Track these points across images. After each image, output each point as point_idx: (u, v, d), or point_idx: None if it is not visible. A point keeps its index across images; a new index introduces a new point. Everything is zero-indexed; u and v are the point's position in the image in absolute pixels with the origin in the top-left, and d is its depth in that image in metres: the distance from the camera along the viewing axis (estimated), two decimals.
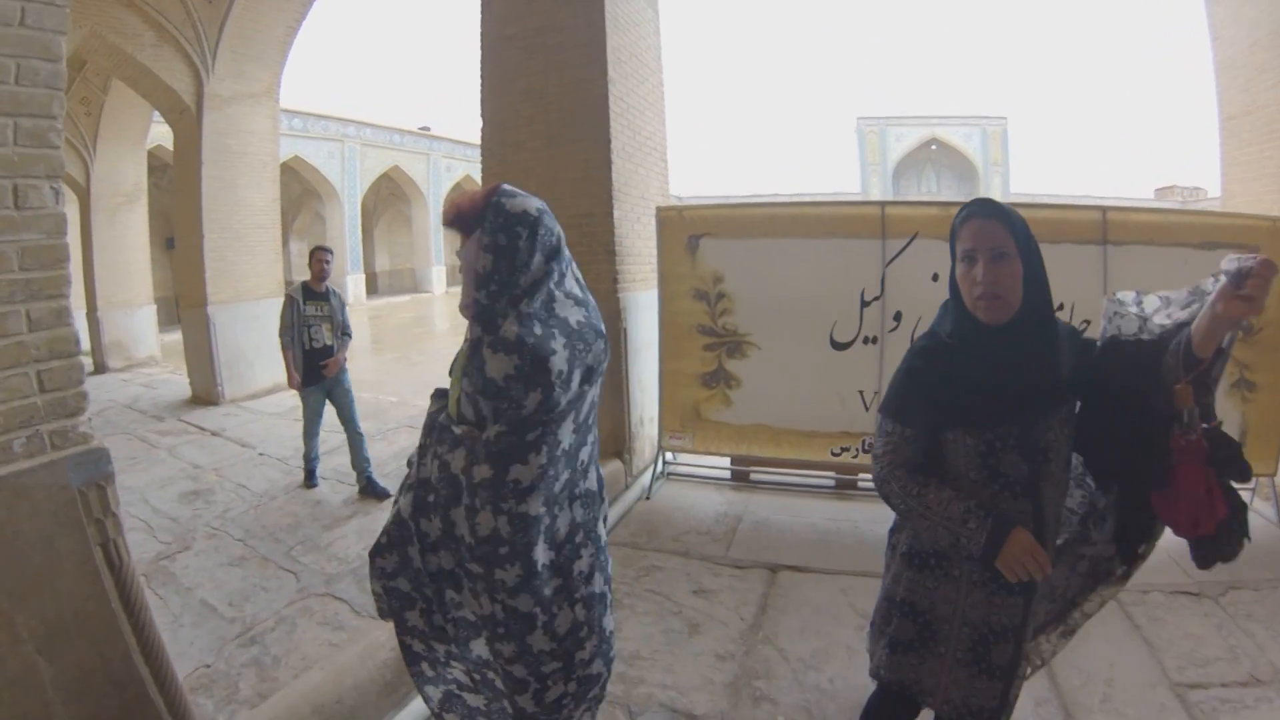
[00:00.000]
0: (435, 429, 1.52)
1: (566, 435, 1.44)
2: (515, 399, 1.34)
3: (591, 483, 1.61)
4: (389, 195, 23.54)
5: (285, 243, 19.71)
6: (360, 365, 11.06)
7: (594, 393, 1.54)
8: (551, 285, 1.46)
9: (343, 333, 4.86)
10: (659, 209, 4.24)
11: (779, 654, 2.74)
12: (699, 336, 4.17)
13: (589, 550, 1.58)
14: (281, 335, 4.67)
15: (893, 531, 1.69)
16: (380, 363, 11.71)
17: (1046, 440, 1.42)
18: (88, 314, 9.66)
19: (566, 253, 1.52)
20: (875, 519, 3.91)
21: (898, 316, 3.85)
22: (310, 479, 4.97)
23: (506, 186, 1.47)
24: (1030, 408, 1.41)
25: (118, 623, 1.72)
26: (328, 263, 4.81)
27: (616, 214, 4.23)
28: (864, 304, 3.89)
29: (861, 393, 3.95)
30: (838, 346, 3.93)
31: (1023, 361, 1.40)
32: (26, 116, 1.59)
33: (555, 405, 1.37)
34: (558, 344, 1.38)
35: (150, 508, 4.59)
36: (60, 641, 1.61)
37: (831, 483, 4.36)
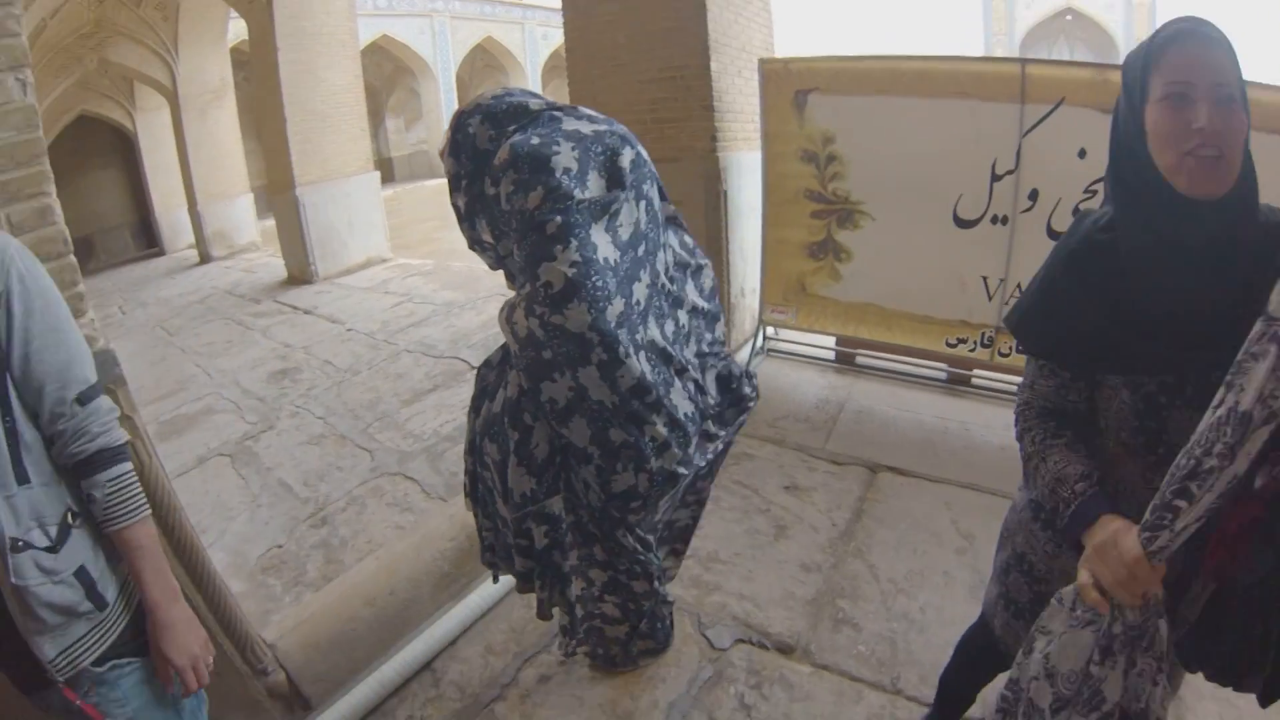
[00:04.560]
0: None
1: (602, 244, 1.32)
2: (519, 208, 1.27)
3: (656, 334, 1.45)
4: (485, 67, 23.07)
5: (381, 121, 19.86)
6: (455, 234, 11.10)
7: (640, 213, 1.43)
8: (551, 114, 1.40)
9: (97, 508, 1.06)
10: (762, 61, 3.69)
11: (869, 571, 2.43)
12: (806, 202, 3.70)
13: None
14: None
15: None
16: None
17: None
18: (189, 209, 10.06)
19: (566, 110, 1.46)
20: (988, 423, 3.45)
21: (1033, 195, 3.21)
22: None
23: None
24: (1229, 335, 0.87)
25: None
26: None
27: (714, 67, 3.72)
28: (995, 178, 3.27)
29: (985, 279, 3.38)
30: (962, 224, 3.35)
31: (1238, 259, 0.91)
32: None
33: (566, 195, 1.26)
34: (561, 146, 1.29)
35: (240, 389, 4.69)
36: None
37: (943, 375, 3.88)
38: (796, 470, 3.03)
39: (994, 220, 3.32)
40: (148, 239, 12.89)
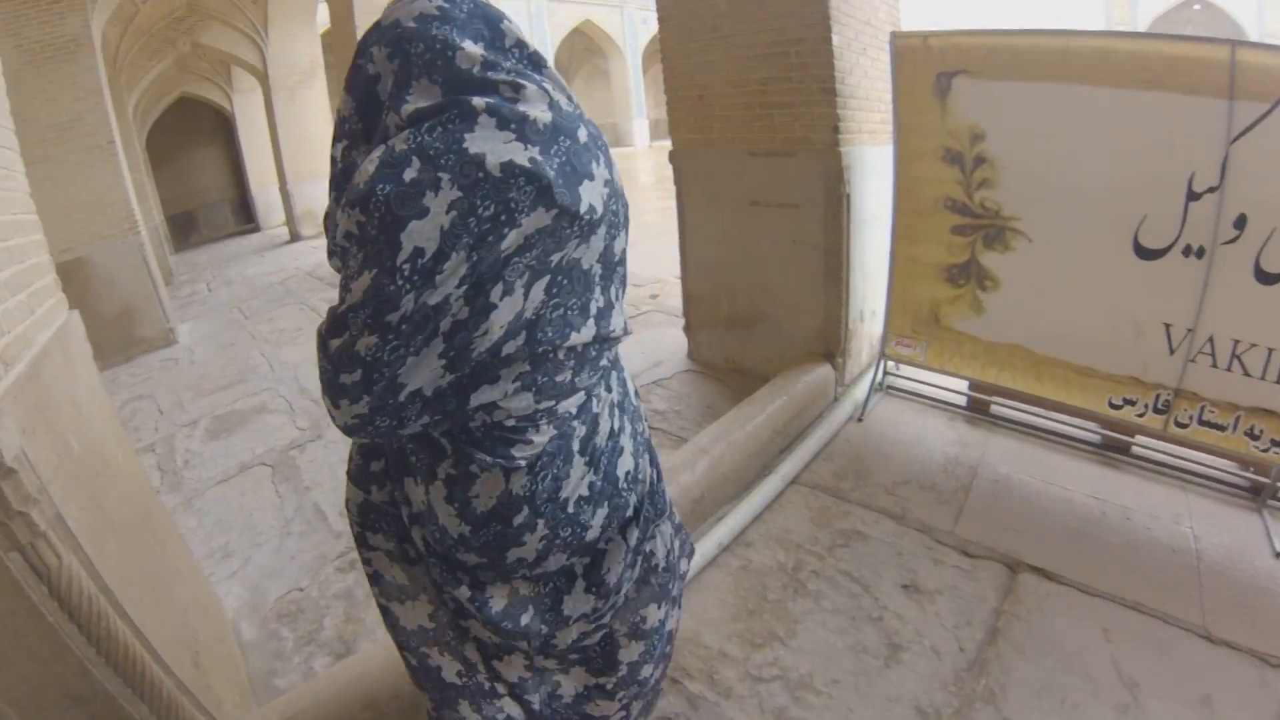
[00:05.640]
0: None
1: (421, 372, 0.86)
2: (343, 282, 0.83)
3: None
4: (584, 50, 22.98)
5: None
6: None
7: (522, 301, 0.90)
8: (467, 104, 0.83)
9: None
10: (895, 35, 3.02)
11: None
12: (947, 214, 3.05)
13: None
14: None
15: None
16: None
17: None
18: (280, 188, 10.24)
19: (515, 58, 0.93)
20: (1154, 511, 2.71)
21: (1240, 222, 2.46)
22: None
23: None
24: None
25: (61, 635, 1.24)
26: None
27: (836, 41, 3.10)
28: (1191, 196, 2.53)
29: (1169, 326, 2.67)
30: (1144, 254, 2.65)
31: None
32: None
33: (390, 306, 0.80)
34: (435, 200, 0.78)
35: (298, 387, 4.46)
36: None
37: (1096, 439, 3.15)
38: (919, 561, 2.43)
39: (1186, 252, 2.59)
40: (246, 215, 13.30)
